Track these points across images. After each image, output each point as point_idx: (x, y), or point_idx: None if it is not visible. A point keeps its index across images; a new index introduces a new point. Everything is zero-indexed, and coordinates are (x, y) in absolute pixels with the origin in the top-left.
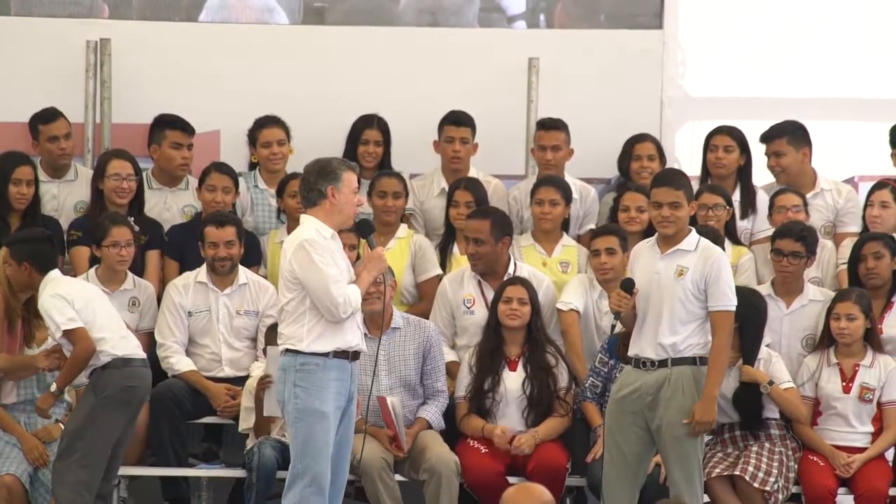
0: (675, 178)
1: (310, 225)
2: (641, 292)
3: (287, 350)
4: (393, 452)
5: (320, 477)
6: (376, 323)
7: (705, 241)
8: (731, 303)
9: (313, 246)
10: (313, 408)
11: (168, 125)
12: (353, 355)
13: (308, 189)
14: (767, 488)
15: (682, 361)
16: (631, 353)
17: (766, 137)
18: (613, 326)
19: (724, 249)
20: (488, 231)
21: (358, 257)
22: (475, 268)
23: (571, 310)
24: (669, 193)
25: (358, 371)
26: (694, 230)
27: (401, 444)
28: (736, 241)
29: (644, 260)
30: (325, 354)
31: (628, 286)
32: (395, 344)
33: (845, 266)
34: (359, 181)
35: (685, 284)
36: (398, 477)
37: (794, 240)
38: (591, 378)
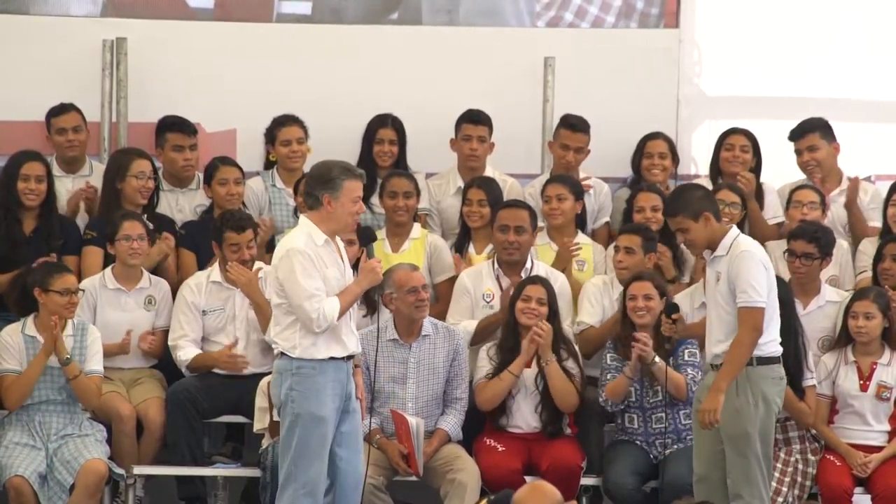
0: (670, 205)
1: (302, 230)
2: (706, 301)
3: (282, 354)
4: (402, 470)
5: (314, 482)
6: (409, 330)
7: (738, 240)
8: (751, 299)
9: (298, 255)
10: (310, 412)
11: (168, 128)
12: (347, 356)
13: (307, 194)
14: (780, 499)
15: None
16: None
17: (800, 132)
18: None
19: None
20: (528, 220)
21: (359, 260)
22: (511, 257)
23: (583, 330)
24: (672, 222)
25: (350, 370)
26: (732, 230)
27: (416, 466)
28: None
29: (706, 269)
30: (319, 360)
31: (671, 310)
32: (424, 352)
33: (866, 274)
34: (375, 182)
35: (721, 288)
36: (399, 477)
37: (807, 241)
38: (607, 373)
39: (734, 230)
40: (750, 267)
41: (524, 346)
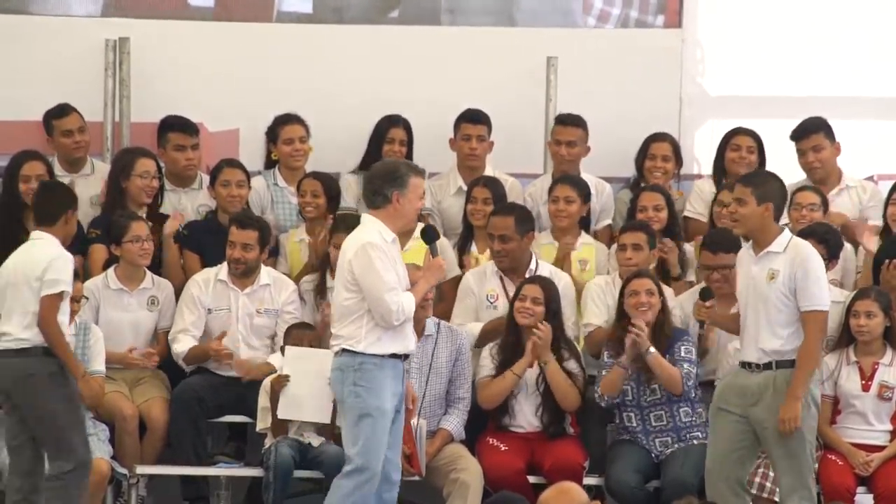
0: (750, 175)
1: (372, 227)
2: (742, 297)
3: (344, 350)
4: (405, 470)
5: (377, 476)
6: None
7: (796, 241)
8: (819, 302)
9: (375, 249)
10: (374, 405)
11: (170, 128)
12: (404, 356)
13: (373, 192)
14: (776, 498)
15: (786, 364)
16: (740, 358)
17: (804, 132)
18: (700, 336)
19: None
20: (513, 227)
21: None
22: (501, 265)
23: (591, 332)
24: (739, 190)
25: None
26: (787, 230)
27: (418, 466)
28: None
29: (744, 265)
30: (382, 356)
31: (705, 296)
32: (427, 351)
33: (864, 272)
34: None
35: (777, 287)
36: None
37: (817, 241)
38: (602, 372)
39: (787, 232)
40: (817, 267)
41: (527, 348)
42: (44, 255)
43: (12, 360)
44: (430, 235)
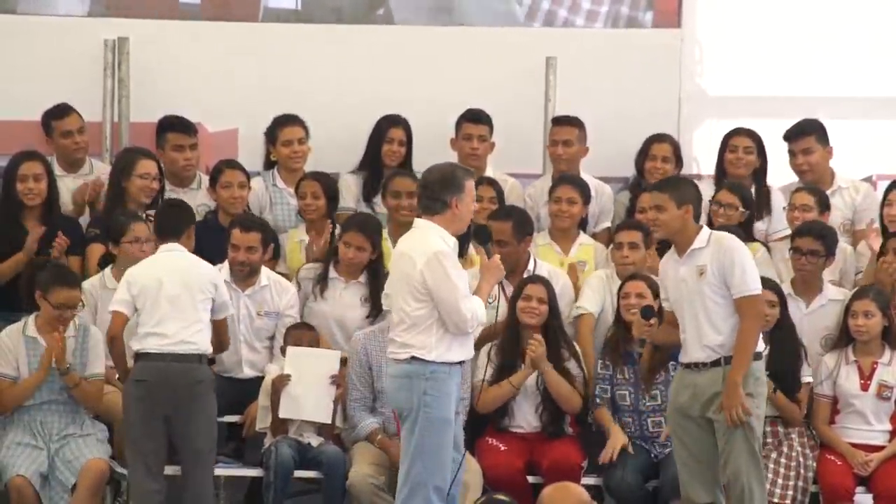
0: (661, 183)
1: (435, 234)
2: (675, 301)
3: (413, 358)
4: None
5: (444, 486)
6: None
7: (716, 234)
8: (750, 287)
9: (447, 258)
10: (443, 416)
11: (168, 128)
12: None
13: (431, 198)
14: (787, 502)
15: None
16: (682, 360)
17: (796, 134)
18: (640, 354)
19: None
20: (511, 232)
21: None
22: None
23: (582, 314)
24: (655, 197)
25: None
26: (705, 227)
27: None
28: (751, 238)
29: (671, 270)
30: (452, 363)
31: (646, 314)
32: None
33: (862, 276)
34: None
35: (709, 280)
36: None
37: (814, 238)
38: (598, 385)
39: (706, 228)
40: (742, 255)
41: (526, 362)
42: (206, 270)
43: (185, 366)
44: (482, 236)
